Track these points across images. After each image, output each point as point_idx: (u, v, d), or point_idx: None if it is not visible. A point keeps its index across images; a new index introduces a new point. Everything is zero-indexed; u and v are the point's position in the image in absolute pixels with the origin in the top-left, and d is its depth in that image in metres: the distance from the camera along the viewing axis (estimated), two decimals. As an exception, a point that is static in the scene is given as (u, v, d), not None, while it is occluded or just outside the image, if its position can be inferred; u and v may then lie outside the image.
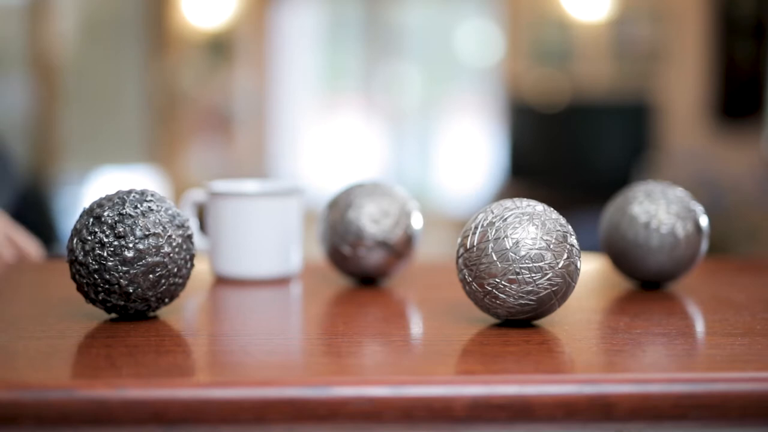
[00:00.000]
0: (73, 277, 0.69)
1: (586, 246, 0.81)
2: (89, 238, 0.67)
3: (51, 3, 5.29)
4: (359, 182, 0.84)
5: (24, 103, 5.28)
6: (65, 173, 5.28)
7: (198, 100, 6.10)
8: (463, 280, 0.69)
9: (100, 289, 0.67)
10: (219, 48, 6.05)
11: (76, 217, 0.70)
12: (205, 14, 6.02)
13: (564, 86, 5.23)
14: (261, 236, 0.85)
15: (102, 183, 5.24)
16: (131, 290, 0.67)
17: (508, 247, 0.66)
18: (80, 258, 0.67)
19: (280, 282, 0.85)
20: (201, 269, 0.91)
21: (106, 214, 0.67)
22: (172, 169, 5.95)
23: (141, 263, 0.66)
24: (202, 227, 0.91)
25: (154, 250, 0.67)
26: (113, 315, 0.71)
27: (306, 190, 0.88)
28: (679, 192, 0.82)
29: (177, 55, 5.93)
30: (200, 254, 0.88)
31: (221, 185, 0.88)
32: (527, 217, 0.67)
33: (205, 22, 6.03)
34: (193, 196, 0.90)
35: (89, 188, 5.24)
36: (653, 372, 0.62)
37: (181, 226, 0.69)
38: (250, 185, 0.91)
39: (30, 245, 1.05)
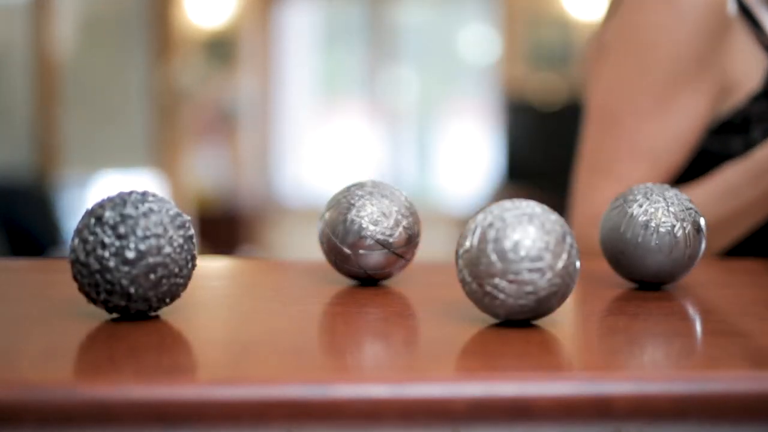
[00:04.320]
0: (75, 278, 0.69)
1: (586, 246, 0.81)
2: (90, 238, 0.67)
3: (53, 3, 5.29)
4: (359, 182, 0.84)
5: (26, 104, 5.28)
6: (68, 176, 5.29)
7: (200, 102, 6.09)
8: (462, 280, 0.69)
9: (101, 289, 0.67)
10: (221, 49, 6.05)
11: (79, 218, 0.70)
12: (207, 14, 6.01)
13: (562, 86, 5.23)
14: None
15: (105, 186, 5.24)
16: (132, 290, 0.67)
17: (508, 248, 0.66)
18: (81, 258, 0.67)
19: (280, 282, 0.85)
20: (203, 268, 0.91)
21: (107, 214, 0.67)
22: (174, 171, 5.94)
23: (142, 264, 0.67)
24: None
25: (155, 250, 0.67)
26: (114, 315, 0.71)
27: None
28: (677, 193, 0.83)
29: (179, 56, 5.93)
30: None
31: None
32: (527, 217, 0.67)
33: (208, 22, 6.03)
34: None
35: (93, 191, 5.24)
36: (652, 371, 0.62)
37: (182, 226, 0.69)
38: None
39: None
